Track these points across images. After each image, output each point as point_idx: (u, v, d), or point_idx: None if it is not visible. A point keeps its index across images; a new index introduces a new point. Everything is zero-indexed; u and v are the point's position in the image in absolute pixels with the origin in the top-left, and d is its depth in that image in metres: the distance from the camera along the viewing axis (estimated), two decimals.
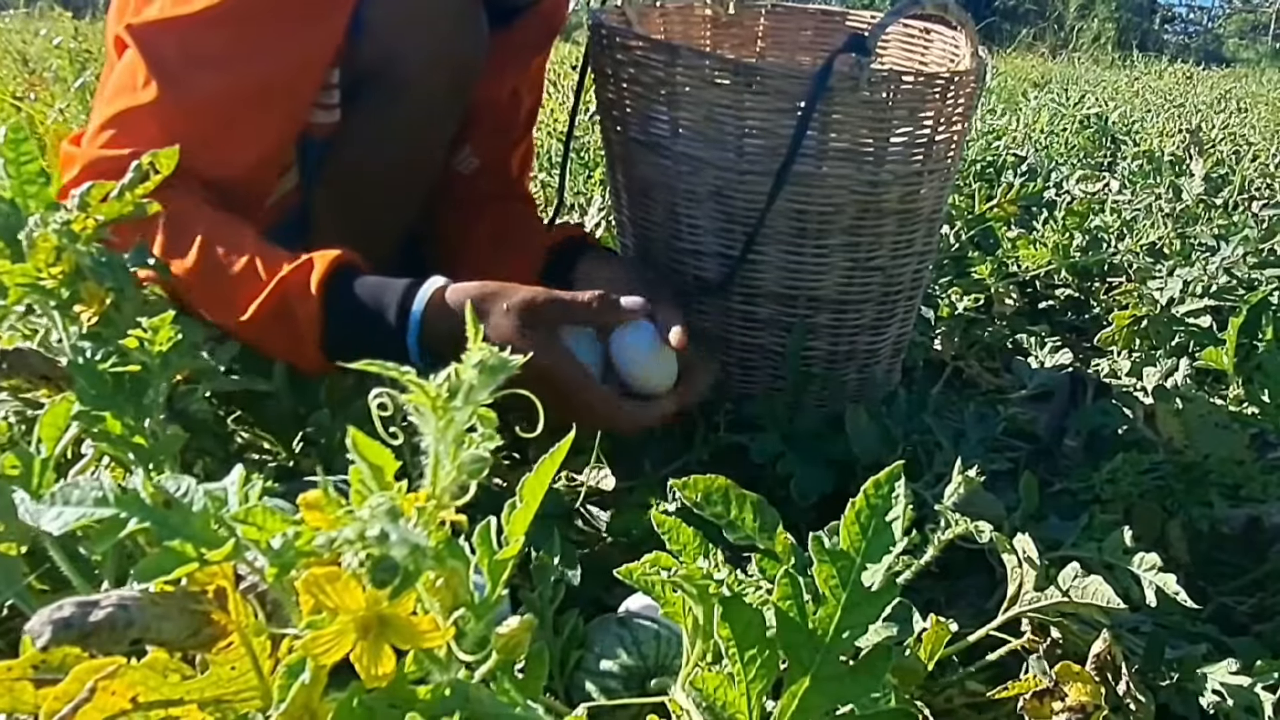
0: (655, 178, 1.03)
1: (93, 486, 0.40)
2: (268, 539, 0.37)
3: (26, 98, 2.24)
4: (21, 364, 0.67)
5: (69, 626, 0.38)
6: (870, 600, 0.43)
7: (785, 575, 0.43)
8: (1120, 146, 2.89)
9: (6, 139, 0.63)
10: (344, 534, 0.31)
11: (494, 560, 0.39)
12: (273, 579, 0.37)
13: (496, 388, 0.35)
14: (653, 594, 0.51)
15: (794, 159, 0.90)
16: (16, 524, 0.51)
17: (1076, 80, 6.58)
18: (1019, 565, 0.60)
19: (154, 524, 0.39)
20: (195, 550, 0.39)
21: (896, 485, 0.45)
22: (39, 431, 0.55)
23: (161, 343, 0.60)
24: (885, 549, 0.44)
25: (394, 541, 0.30)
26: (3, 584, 0.53)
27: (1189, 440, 0.84)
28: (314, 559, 0.36)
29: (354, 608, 0.34)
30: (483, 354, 0.34)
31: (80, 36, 3.42)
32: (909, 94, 0.92)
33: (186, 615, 0.40)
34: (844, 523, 0.45)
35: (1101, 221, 1.68)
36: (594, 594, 0.75)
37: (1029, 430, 1.03)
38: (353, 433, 0.36)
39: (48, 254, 0.60)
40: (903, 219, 1.01)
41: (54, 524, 0.39)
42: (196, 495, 0.41)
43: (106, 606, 0.39)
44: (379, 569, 0.31)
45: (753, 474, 1.00)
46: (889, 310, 1.09)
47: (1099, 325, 1.49)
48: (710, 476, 0.59)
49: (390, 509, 0.31)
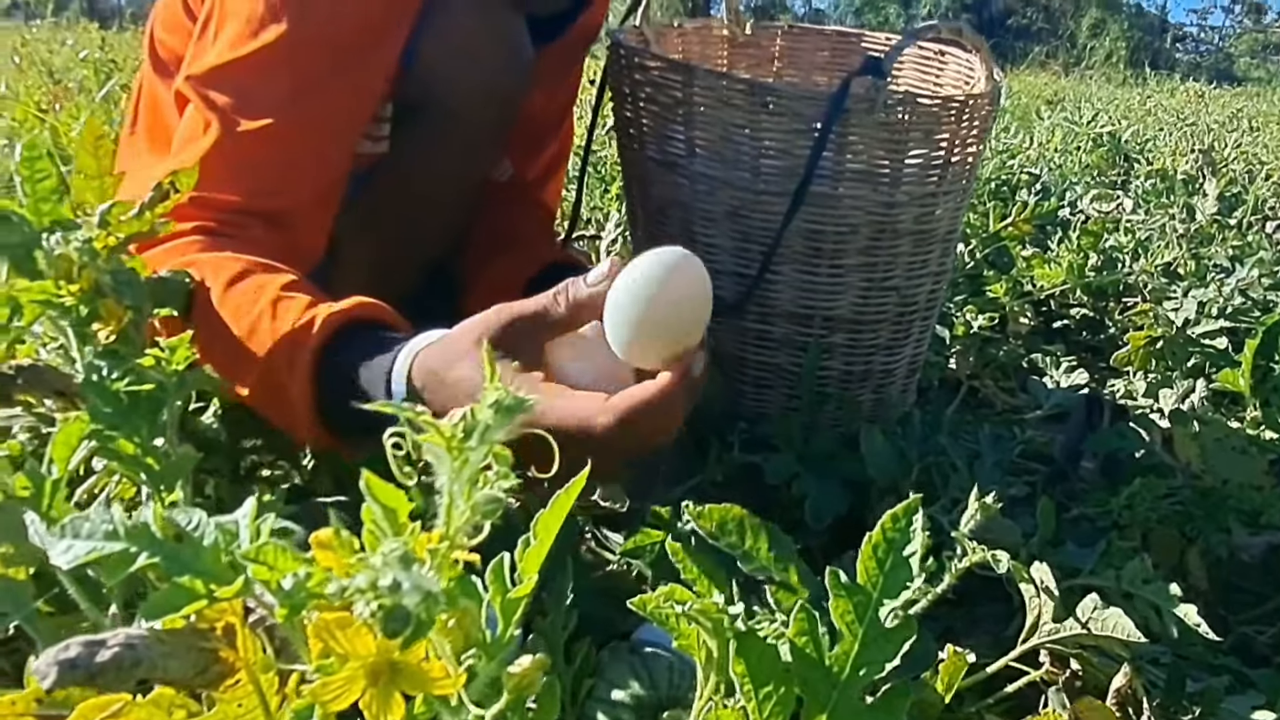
0: (672, 197, 1.04)
1: (103, 519, 0.39)
2: (279, 579, 0.36)
3: (52, 109, 2.26)
4: (37, 379, 0.67)
5: (75, 667, 0.38)
6: (888, 636, 0.43)
7: (801, 610, 0.43)
8: (1133, 165, 2.88)
9: (23, 157, 0.63)
10: (355, 582, 0.30)
11: (507, 599, 0.39)
12: (283, 619, 0.36)
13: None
14: (666, 626, 0.51)
15: (810, 180, 0.90)
16: (27, 546, 0.51)
17: (1089, 98, 6.58)
18: (1037, 595, 0.59)
19: (164, 559, 0.38)
20: (205, 586, 0.38)
21: (914, 519, 0.45)
22: (51, 451, 0.55)
23: (178, 362, 0.59)
24: (903, 584, 0.44)
25: (406, 590, 0.30)
26: (10, 608, 0.52)
27: (1207, 465, 0.83)
28: (325, 601, 0.35)
29: (364, 654, 0.34)
30: (499, 393, 0.34)
31: (106, 47, 3.45)
32: (925, 116, 0.92)
33: (194, 653, 0.40)
34: (861, 557, 0.45)
35: (1116, 241, 1.67)
36: (605, 617, 0.75)
37: (1045, 452, 1.02)
38: (366, 476, 0.35)
39: (66, 271, 0.60)
40: (918, 240, 1.01)
41: (63, 558, 0.38)
42: (208, 529, 0.40)
43: (113, 646, 0.39)
44: (391, 619, 0.30)
45: (766, 495, 1.00)
46: (904, 330, 1.09)
47: (1114, 345, 1.48)
48: (725, 506, 0.58)
49: (403, 555, 0.31)
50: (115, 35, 4.07)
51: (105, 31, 4.01)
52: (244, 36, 0.81)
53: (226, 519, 0.41)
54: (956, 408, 1.25)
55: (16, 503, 0.52)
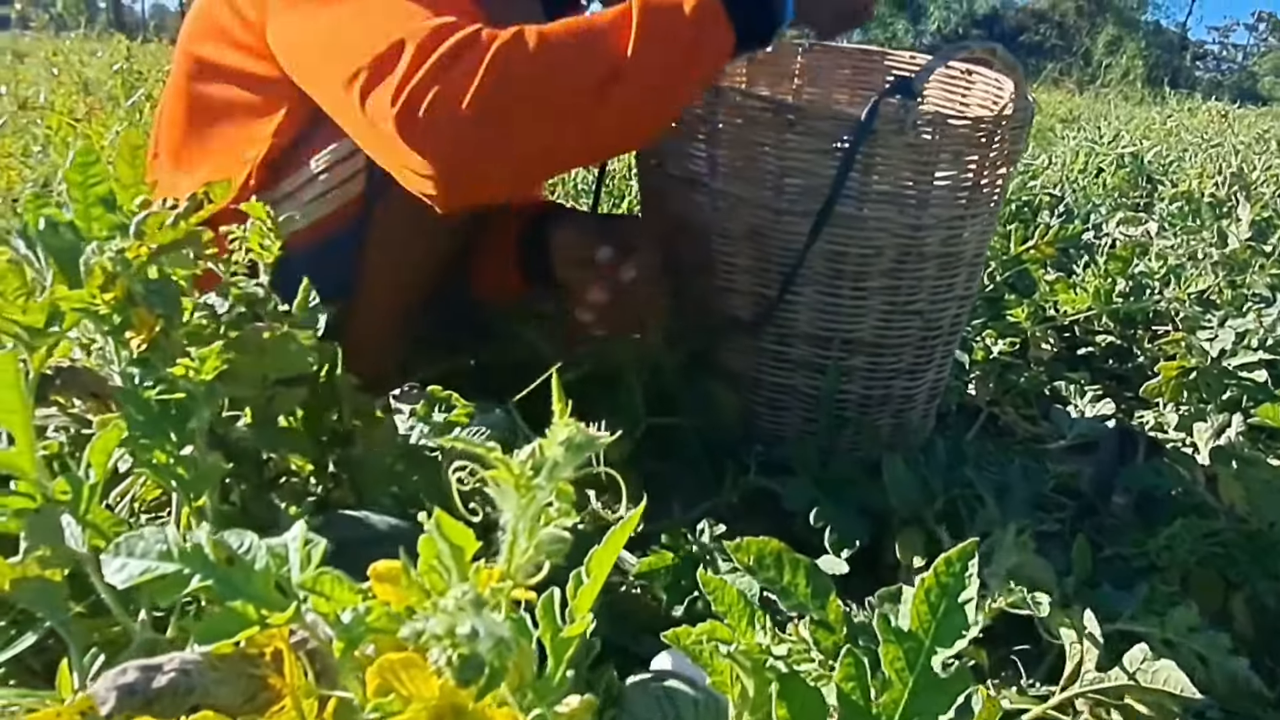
0: (690, 214, 1.01)
1: (157, 539, 0.39)
2: (336, 611, 0.36)
3: (85, 120, 2.28)
4: (74, 381, 0.69)
5: (133, 693, 0.39)
6: (940, 687, 0.40)
7: (849, 655, 0.40)
8: (1157, 187, 2.84)
9: (75, 161, 0.63)
10: (432, 627, 0.29)
11: (559, 638, 0.37)
12: (340, 653, 0.36)
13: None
14: (700, 661, 0.49)
15: (835, 201, 0.88)
16: (63, 549, 0.52)
17: (1106, 116, 6.54)
18: (1079, 641, 0.56)
19: (216, 582, 0.38)
20: (256, 612, 0.38)
21: (969, 563, 0.42)
22: (89, 457, 0.55)
23: (208, 372, 0.59)
24: (958, 633, 0.41)
25: (482, 639, 0.28)
26: (46, 610, 0.52)
27: (1253, 507, 0.80)
28: (382, 634, 0.35)
29: (428, 697, 0.33)
30: (569, 430, 0.32)
31: (132, 58, 3.50)
32: (954, 137, 0.89)
33: (244, 680, 0.40)
34: (913, 601, 0.42)
35: (1146, 267, 1.64)
36: (620, 643, 0.72)
37: (1071, 485, 0.99)
38: (438, 514, 0.34)
39: (102, 280, 0.59)
40: (944, 263, 0.98)
41: (118, 577, 0.39)
42: (259, 552, 0.40)
43: (169, 672, 0.39)
44: (466, 669, 0.29)
45: (783, 519, 0.97)
46: (926, 355, 1.06)
47: (1142, 375, 1.44)
48: (764, 540, 0.56)
49: (475, 599, 0.29)
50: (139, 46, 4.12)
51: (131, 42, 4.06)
52: None
53: (276, 542, 0.41)
54: (976, 435, 1.22)
55: (54, 506, 0.52)
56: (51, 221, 0.61)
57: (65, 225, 0.61)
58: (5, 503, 0.52)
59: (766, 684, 0.43)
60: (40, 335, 0.59)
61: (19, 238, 0.61)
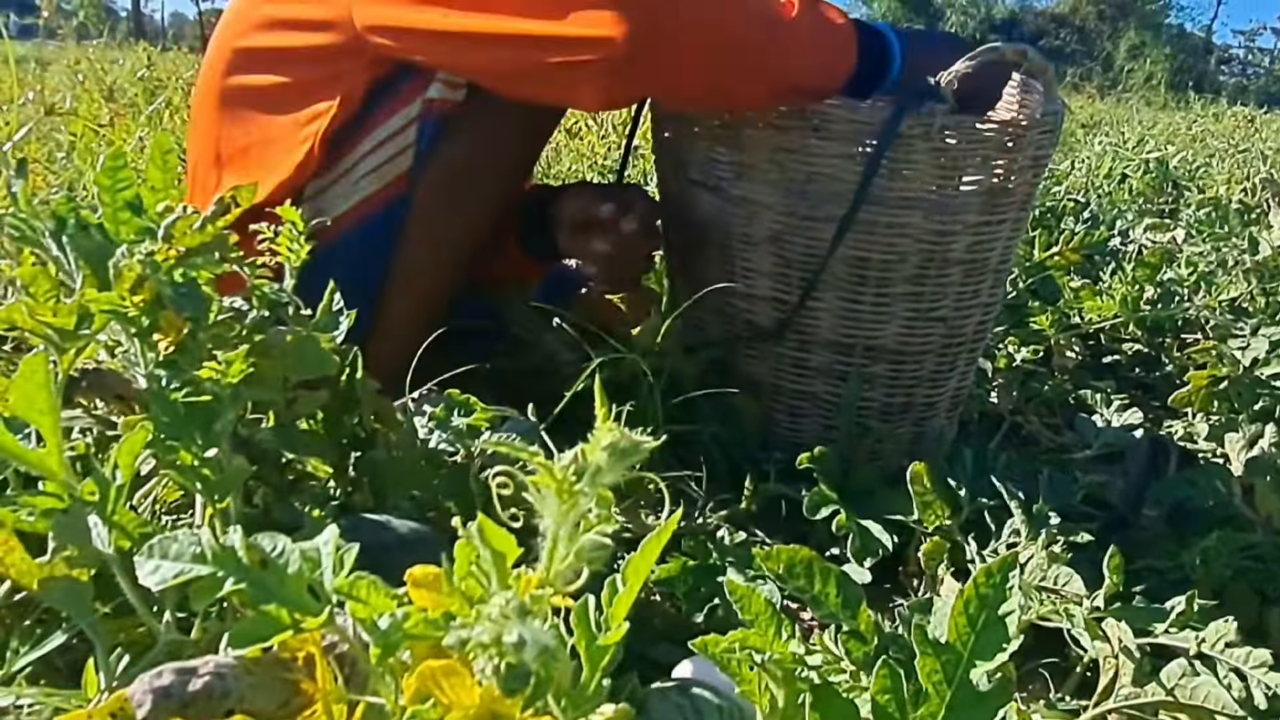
0: (711, 219, 1.01)
1: (191, 541, 0.40)
2: (373, 617, 0.36)
3: (110, 126, 2.31)
4: (99, 383, 0.70)
5: (169, 696, 0.39)
6: (980, 702, 0.39)
7: (885, 666, 0.40)
8: (1183, 193, 2.81)
9: (105, 166, 0.64)
10: (478, 635, 0.29)
11: (594, 646, 0.37)
12: (376, 659, 0.36)
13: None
14: (728, 670, 0.48)
15: (859, 206, 0.87)
16: (90, 549, 0.52)
17: (1129, 122, 6.48)
18: (1114, 655, 0.55)
19: (249, 585, 0.38)
20: (289, 616, 0.38)
21: (1010, 574, 0.42)
22: (116, 458, 0.55)
23: (234, 375, 0.60)
24: (998, 646, 0.41)
25: (529, 647, 0.28)
26: (74, 610, 0.53)
27: None
28: (419, 640, 0.35)
29: (468, 704, 0.33)
30: (613, 435, 0.32)
31: (152, 65, 3.54)
32: (982, 141, 0.89)
33: (278, 685, 0.41)
34: (951, 613, 0.42)
35: (1174, 274, 1.61)
36: (640, 649, 0.72)
37: (1101, 496, 0.98)
38: (481, 519, 0.34)
39: (132, 282, 0.60)
40: (969, 269, 0.97)
41: (152, 578, 0.39)
42: (292, 556, 0.40)
43: (204, 675, 0.40)
44: (512, 678, 0.29)
45: (802, 527, 0.96)
46: (949, 362, 1.05)
47: (1170, 384, 1.42)
48: (794, 548, 0.55)
49: (520, 607, 0.29)
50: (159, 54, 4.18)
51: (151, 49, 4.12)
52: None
53: (308, 546, 0.41)
54: (999, 444, 1.20)
55: (81, 507, 0.53)
56: (82, 224, 0.61)
57: (95, 228, 0.62)
58: (34, 503, 0.52)
59: (798, 695, 0.42)
60: (70, 337, 0.59)
61: (50, 239, 0.62)
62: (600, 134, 3.03)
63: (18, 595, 0.59)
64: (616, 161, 2.41)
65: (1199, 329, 1.53)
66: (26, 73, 3.18)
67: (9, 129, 2.16)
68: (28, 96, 2.50)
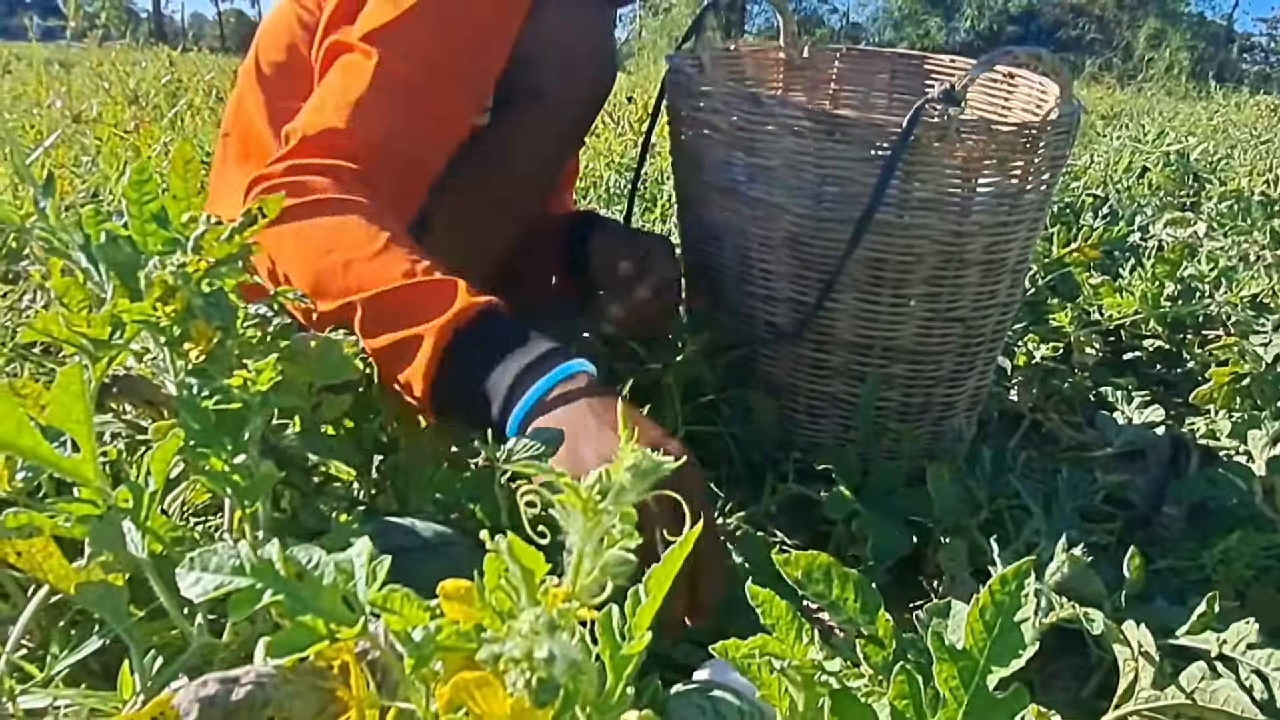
0: (728, 222, 1.02)
1: (230, 554, 0.41)
2: (408, 629, 0.37)
3: (134, 132, 2.34)
4: (130, 389, 0.72)
5: (214, 704, 0.40)
6: (996, 708, 0.40)
7: (902, 672, 0.40)
8: (1204, 185, 2.78)
9: (131, 179, 0.65)
10: (509, 650, 0.30)
11: (619, 656, 0.38)
12: (410, 670, 0.37)
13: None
14: (748, 674, 0.49)
15: (876, 208, 0.88)
16: (124, 554, 0.54)
17: (1149, 113, 6.40)
18: (1134, 658, 0.55)
19: (287, 597, 0.40)
20: (325, 627, 0.39)
21: (1025, 582, 0.42)
22: (149, 465, 0.57)
23: (264, 383, 0.61)
24: (1014, 652, 0.41)
25: (558, 662, 0.29)
26: (109, 615, 0.54)
27: None
28: (451, 652, 0.36)
29: (500, 715, 0.34)
30: (636, 456, 0.33)
31: (174, 67, 3.58)
32: (999, 143, 0.89)
33: (315, 693, 0.42)
34: (967, 620, 0.42)
35: (1195, 269, 1.60)
36: (660, 651, 0.72)
37: (1121, 495, 0.97)
38: (511, 538, 0.35)
39: (161, 292, 0.62)
40: (987, 269, 0.97)
41: (193, 590, 0.40)
42: (327, 568, 0.41)
43: (246, 684, 0.41)
44: (543, 691, 0.30)
45: (820, 528, 0.97)
46: (968, 362, 1.05)
47: (1192, 381, 1.41)
48: (813, 553, 0.56)
49: (549, 623, 0.30)
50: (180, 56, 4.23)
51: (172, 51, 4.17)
52: (395, 4, 0.88)
53: (342, 557, 0.42)
54: (1019, 443, 1.20)
55: (116, 513, 0.54)
56: (112, 235, 0.63)
57: (124, 239, 0.63)
58: (70, 509, 0.54)
59: (817, 699, 0.43)
60: (103, 346, 0.60)
61: (80, 251, 0.63)
62: (618, 132, 3.03)
63: (54, 599, 0.61)
64: (633, 160, 2.41)
65: (1220, 325, 1.51)
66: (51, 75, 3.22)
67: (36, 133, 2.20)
68: (53, 100, 2.54)
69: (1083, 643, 0.70)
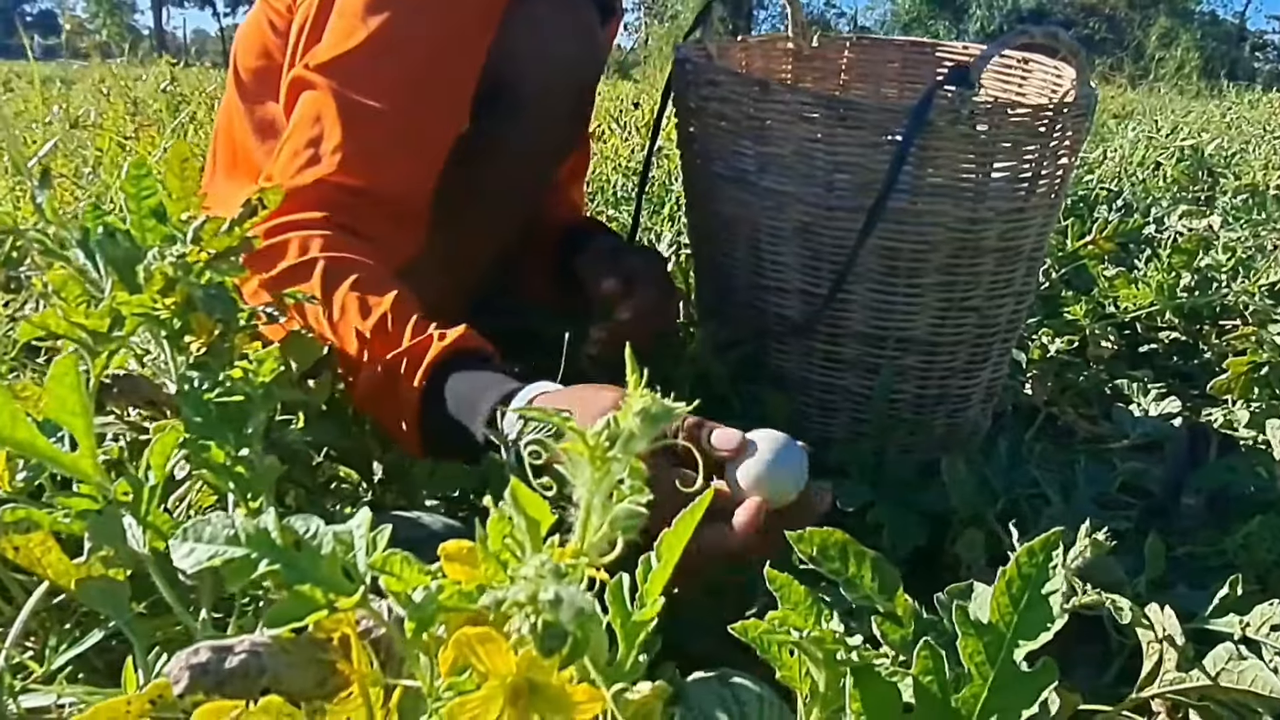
0: (737, 213, 1.00)
1: (224, 524, 0.40)
2: (408, 590, 0.36)
3: (134, 139, 2.34)
4: (132, 389, 0.71)
5: (205, 673, 0.39)
6: (1023, 682, 0.38)
7: (925, 647, 0.39)
8: (1218, 180, 2.75)
9: (129, 174, 0.65)
10: (514, 594, 0.29)
11: (630, 622, 0.36)
12: (411, 633, 0.35)
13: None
14: (768, 654, 0.47)
15: (888, 196, 0.86)
16: (125, 549, 0.53)
17: (1162, 110, 6.36)
18: (1158, 641, 0.53)
19: (283, 566, 0.38)
20: (324, 596, 0.38)
21: (1054, 553, 0.41)
22: (148, 459, 0.56)
23: (265, 375, 0.60)
24: (1042, 625, 0.40)
25: (565, 607, 0.28)
26: (110, 609, 0.54)
27: None
28: (454, 614, 0.34)
29: (505, 673, 0.32)
30: (645, 401, 0.32)
31: (176, 81, 3.60)
32: (1014, 127, 0.87)
33: (314, 665, 0.40)
34: (994, 593, 0.41)
35: (1212, 260, 1.58)
36: (677, 643, 0.71)
37: (1136, 484, 0.96)
38: (515, 485, 0.34)
39: (161, 285, 0.61)
40: (1002, 257, 0.96)
41: (186, 561, 0.39)
42: (325, 537, 0.40)
43: (240, 653, 0.40)
44: (549, 636, 0.28)
45: (834, 522, 0.95)
46: (983, 353, 1.03)
47: (1208, 372, 1.39)
48: (827, 530, 0.54)
49: (556, 570, 0.29)
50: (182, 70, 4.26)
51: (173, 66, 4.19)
52: (352, 30, 0.85)
53: (341, 528, 0.41)
54: (1034, 435, 1.18)
55: (116, 508, 0.53)
56: (110, 230, 0.62)
57: (121, 234, 0.63)
58: (69, 504, 0.53)
59: (839, 678, 0.41)
60: (103, 340, 0.60)
61: (78, 247, 0.63)
62: (624, 136, 3.03)
63: (58, 598, 0.60)
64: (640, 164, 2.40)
65: (1238, 315, 1.49)
66: (52, 91, 3.23)
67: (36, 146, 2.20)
68: (54, 113, 2.55)
69: (1102, 630, 0.69)
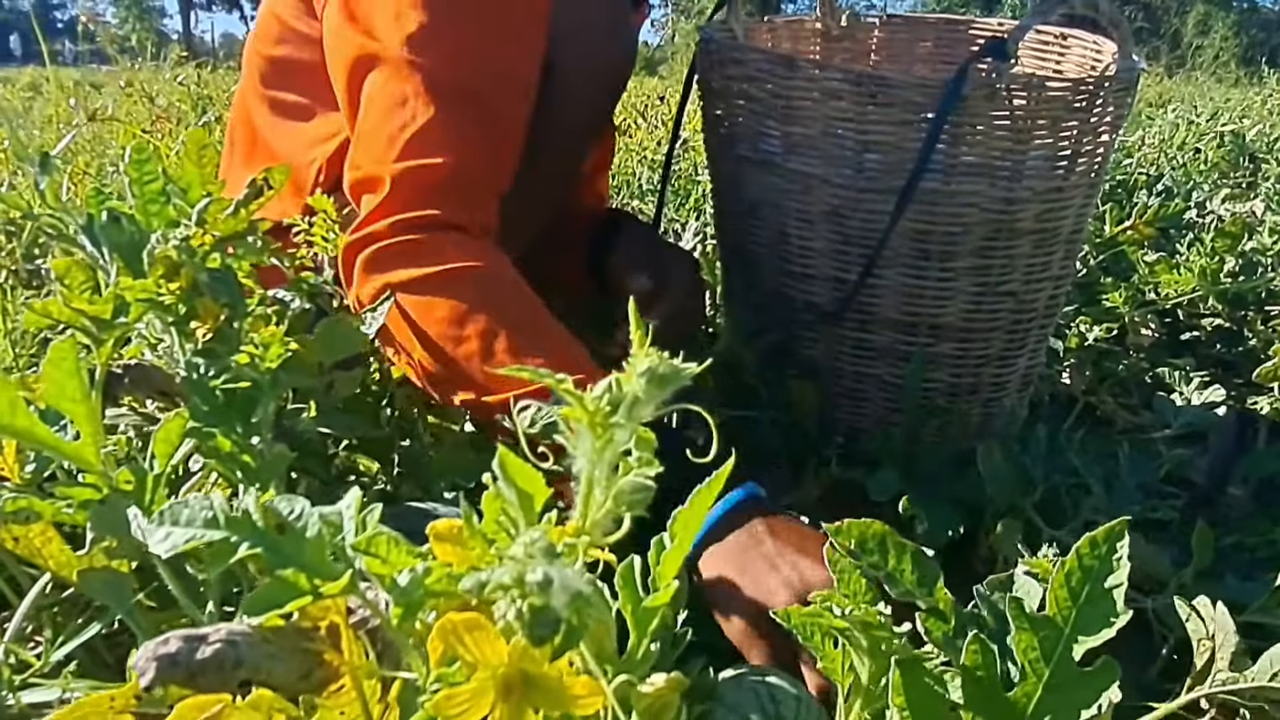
0: (764, 197, 0.97)
1: (203, 506, 0.37)
2: (393, 574, 0.33)
3: (152, 132, 2.35)
4: (143, 379, 0.70)
5: (175, 664, 0.36)
6: (1082, 682, 0.36)
7: (975, 640, 0.36)
8: (1260, 166, 2.67)
9: (132, 159, 0.64)
10: (498, 576, 0.26)
11: (642, 608, 0.33)
12: (397, 620, 0.33)
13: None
14: (810, 643, 0.45)
15: (921, 175, 0.83)
16: (129, 540, 0.51)
17: (1200, 97, 6.22)
18: (1208, 637, 0.50)
19: (265, 550, 0.36)
20: (309, 581, 0.35)
21: (1119, 545, 0.37)
22: (153, 447, 0.55)
23: (271, 360, 0.59)
24: (1104, 621, 0.37)
25: (556, 589, 0.25)
26: (113, 601, 0.52)
27: None
28: (445, 599, 0.32)
29: (496, 663, 0.29)
30: (650, 360, 0.28)
31: (202, 83, 3.62)
32: (1052, 102, 0.83)
33: (298, 655, 0.38)
34: (1051, 586, 0.38)
35: (1257, 244, 1.52)
36: (707, 640, 0.69)
37: (1181, 475, 0.92)
38: (503, 454, 0.30)
39: (166, 269, 0.60)
40: (1039, 240, 0.92)
41: (162, 545, 0.37)
42: (311, 520, 0.37)
43: (215, 642, 0.37)
44: (538, 623, 0.25)
45: (866, 513, 0.92)
46: (1019, 340, 1.00)
47: (1254, 360, 1.34)
48: (866, 521, 0.51)
49: (547, 548, 0.26)
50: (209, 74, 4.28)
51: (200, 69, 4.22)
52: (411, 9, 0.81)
53: (329, 510, 0.38)
54: (1073, 425, 1.14)
55: (120, 497, 0.52)
56: (114, 215, 0.61)
57: (126, 219, 0.61)
58: (71, 493, 0.51)
59: (883, 671, 0.38)
60: (107, 327, 0.58)
61: (83, 233, 0.61)
62: (650, 130, 3.01)
63: (66, 592, 0.59)
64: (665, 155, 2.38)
65: None
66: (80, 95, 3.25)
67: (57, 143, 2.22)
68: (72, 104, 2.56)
69: (1145, 623, 0.65)
